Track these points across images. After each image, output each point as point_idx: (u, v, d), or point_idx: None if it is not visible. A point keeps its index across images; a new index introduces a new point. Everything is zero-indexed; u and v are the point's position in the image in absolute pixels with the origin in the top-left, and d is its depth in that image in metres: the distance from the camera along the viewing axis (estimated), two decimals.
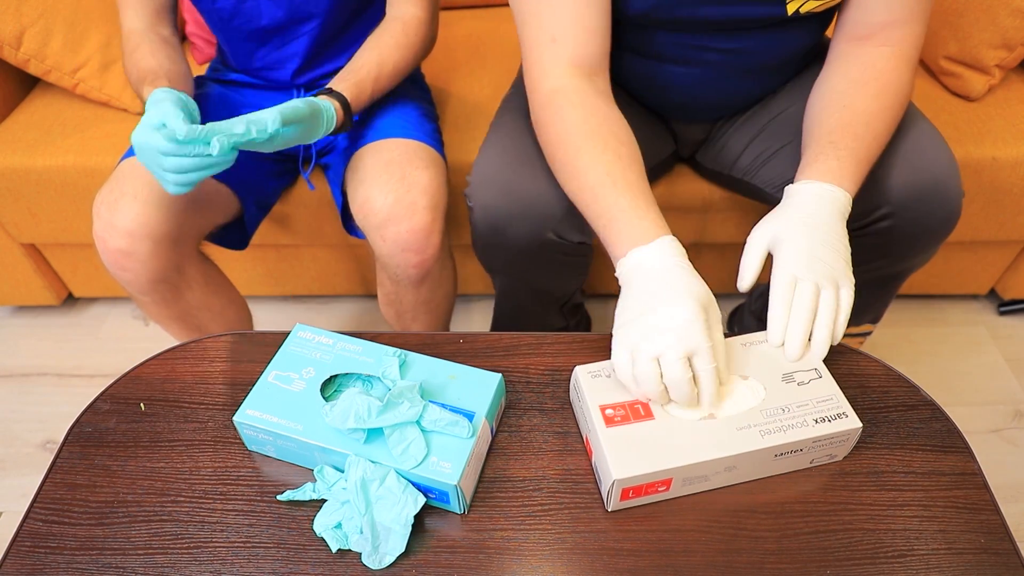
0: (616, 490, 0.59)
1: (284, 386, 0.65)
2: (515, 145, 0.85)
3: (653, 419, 0.62)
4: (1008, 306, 1.44)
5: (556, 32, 0.75)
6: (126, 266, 0.90)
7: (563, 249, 0.88)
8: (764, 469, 0.62)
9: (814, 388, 0.63)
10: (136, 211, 0.88)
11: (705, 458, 0.59)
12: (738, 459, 0.60)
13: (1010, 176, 1.14)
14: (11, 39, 1.17)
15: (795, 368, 0.65)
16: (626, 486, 0.59)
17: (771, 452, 0.60)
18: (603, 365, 0.66)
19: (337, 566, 0.58)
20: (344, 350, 0.68)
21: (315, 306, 1.52)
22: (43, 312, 1.52)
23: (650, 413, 0.62)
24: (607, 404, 0.63)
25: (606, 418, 0.62)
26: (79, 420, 0.70)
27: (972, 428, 1.25)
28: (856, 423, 0.61)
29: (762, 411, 0.62)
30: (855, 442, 0.63)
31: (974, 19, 1.17)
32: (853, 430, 0.61)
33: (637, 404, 0.63)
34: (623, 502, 0.60)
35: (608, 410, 0.62)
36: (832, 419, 0.61)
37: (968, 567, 0.57)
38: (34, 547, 0.60)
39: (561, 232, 0.85)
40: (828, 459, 0.63)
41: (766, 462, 0.61)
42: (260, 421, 0.63)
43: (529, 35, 0.77)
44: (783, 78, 0.94)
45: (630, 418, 0.62)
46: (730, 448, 0.59)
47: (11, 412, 1.34)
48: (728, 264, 1.35)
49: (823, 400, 0.62)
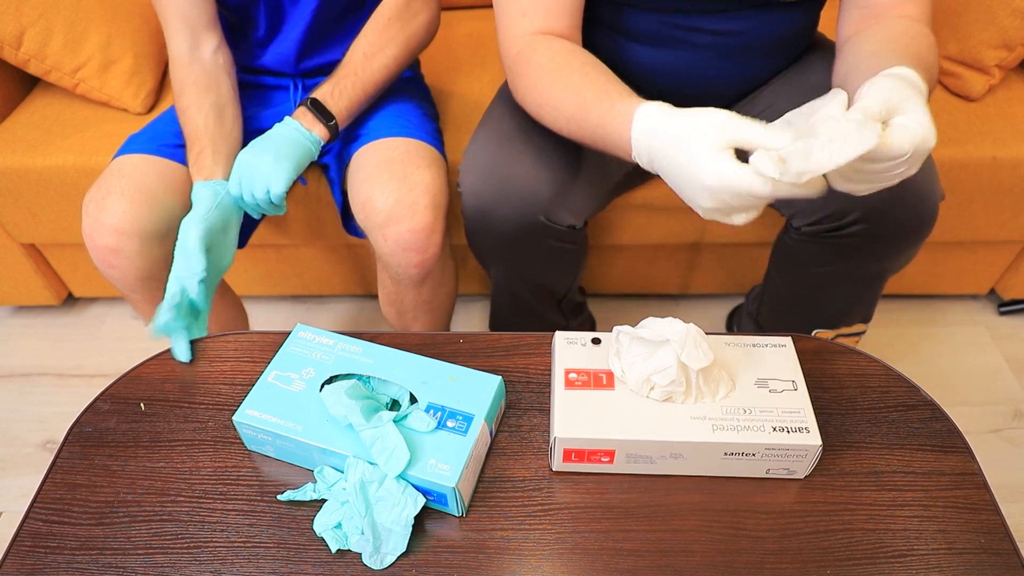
0: (558, 449, 0.61)
1: (284, 386, 0.65)
2: (502, 131, 0.86)
3: (612, 390, 0.63)
4: (1008, 306, 1.43)
5: (526, 7, 0.78)
6: (114, 263, 0.91)
7: (554, 234, 0.87)
8: (713, 466, 0.62)
9: (785, 398, 0.62)
10: (123, 209, 0.89)
11: (648, 437, 0.59)
12: (682, 447, 0.60)
13: (1010, 176, 1.14)
14: (11, 39, 1.17)
15: (772, 375, 0.64)
16: (568, 447, 0.60)
17: (719, 449, 0.60)
18: (584, 335, 0.68)
19: (337, 566, 0.58)
20: (344, 351, 0.68)
21: (315, 306, 1.52)
22: (43, 312, 1.52)
23: (611, 384, 0.63)
24: (572, 368, 0.65)
25: (567, 380, 0.64)
26: (79, 420, 0.70)
27: (972, 428, 1.25)
28: (816, 441, 0.59)
29: (722, 407, 0.62)
30: (815, 461, 0.61)
31: (974, 19, 1.17)
32: (811, 446, 0.59)
33: (601, 373, 0.64)
34: (566, 463, 0.62)
35: (572, 374, 0.64)
36: (791, 431, 0.60)
37: (968, 567, 0.57)
38: (34, 547, 0.60)
39: (551, 215, 0.85)
40: (786, 474, 0.62)
41: (714, 459, 0.61)
42: (259, 421, 0.63)
43: (503, 13, 0.80)
44: (773, 64, 0.93)
45: (590, 384, 0.63)
46: (675, 434, 0.60)
47: (11, 412, 1.34)
48: (728, 264, 1.35)
49: (790, 411, 0.61)
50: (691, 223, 1.21)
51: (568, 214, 0.86)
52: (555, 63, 0.76)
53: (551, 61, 0.77)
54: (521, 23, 0.79)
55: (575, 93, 0.73)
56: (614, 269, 1.38)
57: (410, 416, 0.62)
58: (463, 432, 0.61)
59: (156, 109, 1.28)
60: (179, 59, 0.94)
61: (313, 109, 0.90)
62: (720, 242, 1.26)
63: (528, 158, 0.83)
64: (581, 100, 0.72)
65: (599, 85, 0.72)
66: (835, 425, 0.66)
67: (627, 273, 1.39)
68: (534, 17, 0.79)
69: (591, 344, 0.67)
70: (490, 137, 0.87)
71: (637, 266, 1.37)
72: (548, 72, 0.76)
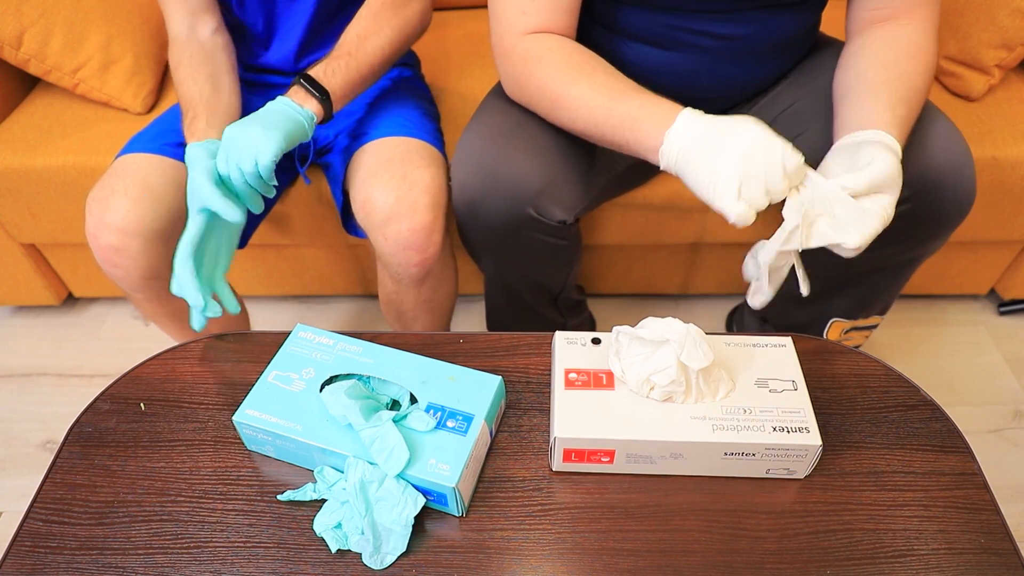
0: (558, 449, 0.61)
1: (284, 386, 0.65)
2: (494, 125, 0.87)
3: (612, 390, 0.63)
4: (1008, 306, 1.43)
5: (526, 6, 0.79)
6: (117, 263, 0.91)
7: (543, 228, 0.87)
8: (714, 467, 0.62)
9: (785, 398, 0.63)
10: (127, 208, 0.89)
11: (648, 438, 0.59)
12: (683, 447, 0.60)
13: (1010, 176, 1.14)
14: (11, 39, 1.17)
15: (772, 375, 0.64)
16: (568, 447, 0.60)
17: (719, 449, 0.60)
18: (584, 335, 0.68)
19: (337, 566, 0.58)
20: (344, 351, 0.68)
21: (315, 306, 1.52)
22: (43, 312, 1.52)
23: (611, 384, 0.63)
24: (572, 368, 0.65)
25: (567, 380, 0.64)
26: (79, 420, 0.70)
27: (972, 428, 1.25)
28: (816, 441, 0.59)
29: (723, 407, 0.62)
30: (815, 460, 0.61)
31: (974, 19, 1.17)
32: (811, 446, 0.59)
33: (601, 373, 0.64)
34: (566, 463, 0.62)
35: (572, 374, 0.64)
36: (792, 431, 0.60)
37: (968, 567, 0.57)
38: (34, 547, 0.60)
39: (540, 208, 0.84)
40: (786, 474, 0.62)
41: (714, 459, 0.61)
42: (259, 421, 0.63)
43: (500, 11, 0.81)
44: (777, 66, 0.93)
45: (590, 384, 0.63)
46: (675, 434, 0.60)
47: (11, 412, 1.34)
48: (728, 264, 1.35)
49: (789, 411, 0.61)
50: (691, 223, 1.21)
51: (558, 208, 0.86)
52: (573, 61, 0.77)
53: (568, 59, 0.78)
54: (520, 21, 0.79)
55: (604, 88, 0.75)
56: (614, 269, 1.38)
57: (410, 416, 0.62)
58: (463, 432, 0.61)
59: (156, 109, 1.28)
60: (177, 38, 0.94)
61: (306, 84, 0.87)
62: (720, 242, 1.26)
63: (518, 151, 0.83)
64: (605, 103, 0.74)
65: (625, 82, 0.75)
66: (835, 425, 0.66)
67: (627, 273, 1.39)
68: (534, 15, 0.79)
69: (591, 344, 0.67)
70: (481, 131, 0.87)
71: (637, 266, 1.37)
72: (567, 69, 0.77)
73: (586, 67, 0.77)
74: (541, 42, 0.79)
